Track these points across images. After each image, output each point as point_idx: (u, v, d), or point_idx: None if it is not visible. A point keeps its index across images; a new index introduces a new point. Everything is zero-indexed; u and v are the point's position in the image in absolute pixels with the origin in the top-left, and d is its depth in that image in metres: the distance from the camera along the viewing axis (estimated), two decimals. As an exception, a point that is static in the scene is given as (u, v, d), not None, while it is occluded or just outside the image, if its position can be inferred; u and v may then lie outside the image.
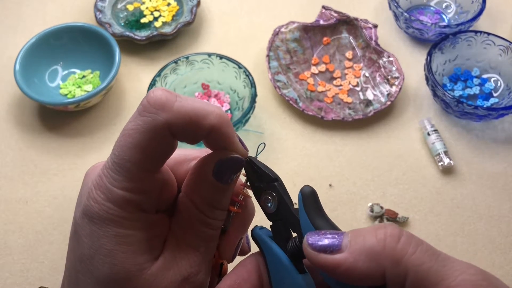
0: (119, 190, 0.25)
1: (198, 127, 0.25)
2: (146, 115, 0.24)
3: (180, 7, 0.78)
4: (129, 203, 0.25)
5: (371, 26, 0.70)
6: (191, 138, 0.26)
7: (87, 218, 0.25)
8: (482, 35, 0.66)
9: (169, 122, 0.24)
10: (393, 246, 0.23)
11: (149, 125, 0.24)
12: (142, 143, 0.24)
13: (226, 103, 0.66)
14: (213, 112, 0.25)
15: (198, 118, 0.25)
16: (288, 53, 0.71)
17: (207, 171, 0.26)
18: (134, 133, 0.24)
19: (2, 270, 0.54)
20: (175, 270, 0.26)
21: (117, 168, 0.25)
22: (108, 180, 0.25)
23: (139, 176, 0.25)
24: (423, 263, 0.23)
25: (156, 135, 0.24)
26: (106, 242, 0.25)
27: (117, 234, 0.25)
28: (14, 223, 0.58)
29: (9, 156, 0.63)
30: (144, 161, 0.25)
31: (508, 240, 0.57)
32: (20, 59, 0.65)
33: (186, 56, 0.64)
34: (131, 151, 0.24)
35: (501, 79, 0.68)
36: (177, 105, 0.24)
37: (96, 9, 0.74)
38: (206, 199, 0.26)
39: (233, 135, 0.27)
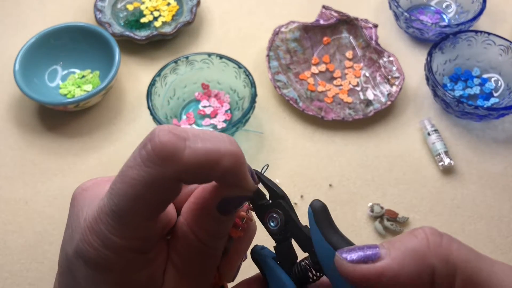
0: (119, 239, 0.22)
1: (210, 173, 0.22)
2: (151, 167, 0.21)
3: (180, 7, 0.77)
4: (129, 251, 0.23)
5: (371, 26, 0.70)
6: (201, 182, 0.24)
7: (83, 261, 0.23)
8: (483, 35, 0.66)
9: (178, 175, 0.21)
10: (438, 243, 0.22)
11: (155, 179, 0.21)
12: (147, 196, 0.22)
13: (226, 103, 0.66)
14: (227, 153, 0.23)
15: (210, 164, 0.22)
16: (288, 53, 0.71)
17: (211, 204, 0.24)
18: (137, 184, 0.22)
19: (2, 270, 0.54)
20: None
21: (115, 216, 0.22)
22: (105, 227, 0.22)
23: (141, 226, 0.23)
24: (471, 261, 0.22)
25: (164, 189, 0.22)
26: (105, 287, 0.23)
27: (119, 282, 0.23)
28: (14, 223, 0.58)
29: (9, 156, 0.63)
30: (148, 213, 0.23)
31: (508, 240, 0.57)
32: (20, 59, 0.65)
33: (186, 56, 0.64)
34: (133, 203, 0.22)
35: (501, 79, 0.68)
36: (188, 154, 0.21)
37: (96, 9, 0.74)
38: (209, 232, 0.25)
39: (245, 174, 0.24)
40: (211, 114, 0.65)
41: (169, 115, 0.64)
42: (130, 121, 0.67)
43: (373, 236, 0.57)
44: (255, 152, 0.63)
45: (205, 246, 0.25)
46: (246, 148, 0.64)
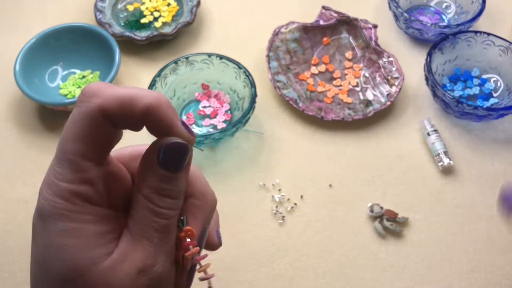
0: (64, 183, 0.24)
1: (132, 108, 0.25)
2: (80, 105, 0.25)
3: (180, 7, 0.78)
4: (75, 195, 0.24)
5: (371, 26, 0.70)
6: (129, 122, 0.26)
7: (40, 218, 0.25)
8: (482, 35, 0.67)
9: (101, 107, 0.24)
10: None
11: (83, 114, 0.24)
12: (80, 132, 0.25)
13: (226, 103, 0.66)
14: (149, 94, 0.25)
15: (131, 100, 0.25)
16: (288, 53, 0.71)
17: (153, 159, 0.26)
18: (71, 124, 0.25)
19: (2, 270, 0.54)
20: (130, 263, 0.25)
21: (60, 162, 0.25)
22: (53, 175, 0.25)
23: (81, 166, 0.25)
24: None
25: (91, 122, 0.24)
26: (55, 238, 0.24)
27: (65, 229, 0.24)
28: (14, 223, 0.58)
29: (9, 156, 0.63)
30: (85, 151, 0.25)
31: (508, 240, 0.57)
32: (20, 60, 0.65)
33: (186, 56, 0.64)
34: (71, 142, 0.25)
35: (501, 80, 0.68)
36: (110, 91, 0.25)
37: (96, 10, 0.74)
38: (154, 188, 0.26)
39: (173, 118, 0.26)
40: (211, 115, 0.65)
41: (169, 115, 0.64)
42: (130, 121, 0.67)
43: (372, 236, 0.57)
44: (255, 152, 0.63)
45: (154, 205, 0.25)
46: (246, 148, 0.64)
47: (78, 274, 0.24)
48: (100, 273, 0.24)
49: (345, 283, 0.54)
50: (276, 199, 0.59)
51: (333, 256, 0.55)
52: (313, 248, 0.56)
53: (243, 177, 0.61)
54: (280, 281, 0.54)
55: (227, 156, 0.63)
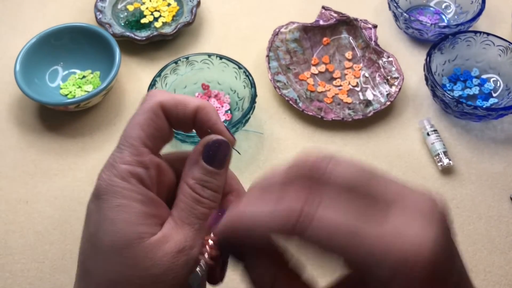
0: (122, 164, 0.28)
1: (185, 107, 0.30)
2: (144, 103, 0.30)
3: (180, 8, 0.78)
4: (131, 175, 0.28)
5: (371, 26, 0.70)
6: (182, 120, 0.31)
7: (95, 198, 0.28)
8: (482, 36, 0.67)
9: (161, 102, 0.30)
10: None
11: (145, 107, 0.30)
12: (141, 121, 0.30)
13: (226, 103, 0.66)
14: (199, 99, 0.31)
15: (185, 101, 0.30)
16: (288, 53, 0.71)
17: (198, 155, 0.30)
18: (135, 116, 0.30)
19: (3, 270, 0.54)
20: (171, 243, 0.28)
21: (120, 147, 0.29)
22: (113, 159, 0.29)
23: (139, 150, 0.29)
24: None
25: (152, 114, 0.30)
26: (108, 212, 0.27)
27: (119, 204, 0.27)
28: (15, 223, 0.58)
29: (10, 156, 0.64)
30: (143, 138, 0.29)
31: (507, 240, 0.57)
32: (21, 60, 0.65)
33: (186, 57, 0.64)
34: (133, 129, 0.29)
35: (500, 80, 0.68)
36: (168, 93, 0.31)
37: (96, 10, 0.74)
38: (198, 179, 0.30)
39: (217, 118, 0.31)
40: (211, 114, 0.65)
41: (169, 115, 0.64)
42: (130, 121, 0.67)
43: (372, 236, 0.57)
44: (255, 152, 0.64)
45: (197, 195, 0.29)
46: (246, 148, 0.64)
47: (126, 245, 0.27)
48: (145, 247, 0.27)
49: (345, 283, 0.54)
50: (276, 199, 0.59)
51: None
52: (313, 248, 0.56)
53: (243, 177, 0.61)
54: (280, 280, 0.54)
55: (227, 156, 0.63)
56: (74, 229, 0.57)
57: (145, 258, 0.27)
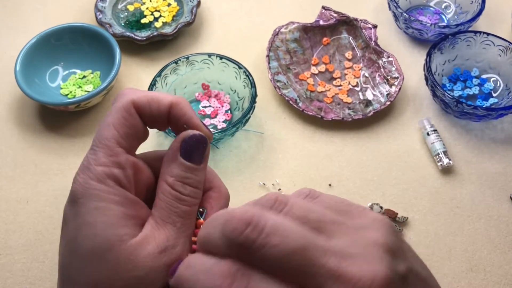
0: (98, 166, 0.28)
1: (159, 104, 0.30)
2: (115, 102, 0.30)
3: (180, 8, 0.78)
4: (107, 176, 0.28)
5: (371, 26, 0.70)
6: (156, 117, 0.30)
7: (71, 203, 0.28)
8: (482, 35, 0.67)
9: (133, 100, 0.29)
10: None
11: (118, 107, 0.29)
12: (114, 121, 0.29)
13: (226, 103, 0.66)
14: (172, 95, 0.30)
15: (158, 98, 0.30)
16: (288, 53, 0.71)
17: (176, 151, 0.29)
18: (107, 116, 0.30)
19: (3, 270, 0.54)
20: (153, 244, 0.27)
21: (94, 149, 0.29)
22: (87, 162, 0.28)
23: (114, 150, 0.28)
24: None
25: (125, 113, 0.29)
26: (86, 216, 0.27)
27: (97, 207, 0.27)
28: (15, 222, 0.58)
29: (10, 156, 0.64)
30: (117, 137, 0.29)
31: (507, 239, 0.57)
32: (21, 59, 0.65)
33: (186, 56, 0.64)
34: (106, 130, 0.29)
35: (500, 79, 0.68)
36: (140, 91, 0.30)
37: (97, 10, 0.74)
38: (177, 176, 0.29)
39: (192, 113, 0.31)
40: (211, 114, 0.66)
41: (170, 115, 0.64)
42: (130, 121, 0.67)
43: (372, 236, 0.57)
44: (255, 152, 0.64)
45: (177, 193, 0.29)
46: (246, 148, 0.64)
47: (106, 248, 0.26)
48: (126, 250, 0.27)
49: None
50: (276, 199, 0.59)
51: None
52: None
53: (243, 177, 0.61)
54: (280, 280, 0.54)
55: (227, 156, 0.63)
56: (74, 228, 0.57)
57: (127, 260, 0.26)
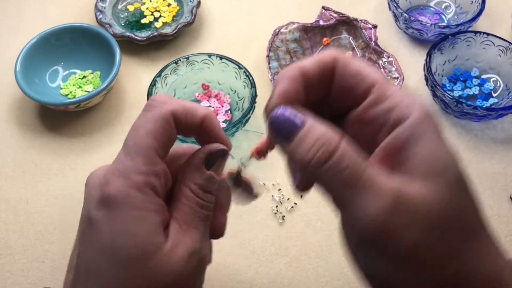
0: (138, 175, 0.28)
1: (193, 116, 0.31)
2: (153, 109, 0.30)
3: (180, 8, 0.78)
4: (146, 185, 0.28)
5: (371, 26, 0.70)
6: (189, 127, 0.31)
7: (106, 208, 0.28)
8: (482, 36, 0.67)
9: (173, 111, 0.30)
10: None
11: (158, 115, 0.30)
12: (154, 130, 0.29)
13: (226, 103, 0.66)
14: (205, 107, 0.32)
15: (193, 109, 0.31)
16: (288, 53, 0.71)
17: (201, 162, 0.31)
18: (146, 123, 0.29)
19: (3, 270, 0.54)
20: (182, 248, 0.29)
21: (133, 156, 0.29)
22: (124, 167, 0.29)
23: (153, 160, 0.29)
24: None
25: (165, 123, 0.30)
26: (127, 225, 0.27)
27: (138, 217, 0.28)
28: (15, 223, 0.58)
29: (10, 156, 0.64)
30: (156, 146, 0.29)
31: (507, 240, 0.57)
32: (21, 60, 0.65)
33: (186, 57, 0.64)
34: (145, 138, 0.29)
35: (500, 80, 0.68)
36: (177, 100, 0.31)
37: (97, 10, 0.74)
38: (200, 185, 0.31)
39: (220, 126, 0.33)
40: (211, 114, 0.65)
41: (170, 115, 0.64)
42: (131, 121, 0.66)
43: (372, 236, 0.57)
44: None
45: (201, 200, 0.31)
46: (246, 148, 0.64)
47: (146, 258, 0.28)
48: (162, 257, 0.28)
49: (345, 283, 0.54)
50: (276, 199, 0.59)
51: (333, 256, 0.56)
52: (313, 248, 0.56)
53: (243, 177, 0.61)
54: (280, 281, 0.54)
55: (227, 156, 0.63)
56: (74, 229, 0.57)
57: (163, 267, 0.28)
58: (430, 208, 0.24)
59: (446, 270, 0.25)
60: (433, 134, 0.26)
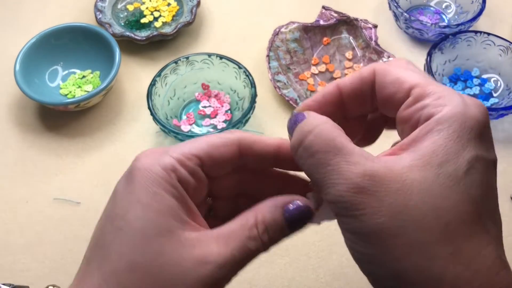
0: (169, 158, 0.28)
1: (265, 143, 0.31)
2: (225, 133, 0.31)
3: (180, 7, 0.78)
4: (173, 171, 0.28)
5: (371, 26, 0.70)
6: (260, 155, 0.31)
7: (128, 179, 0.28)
8: (482, 35, 0.67)
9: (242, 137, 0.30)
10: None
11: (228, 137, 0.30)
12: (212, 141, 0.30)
13: (226, 103, 0.66)
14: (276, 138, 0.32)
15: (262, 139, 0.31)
16: (288, 53, 0.71)
17: (280, 211, 0.29)
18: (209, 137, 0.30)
19: (3, 270, 0.54)
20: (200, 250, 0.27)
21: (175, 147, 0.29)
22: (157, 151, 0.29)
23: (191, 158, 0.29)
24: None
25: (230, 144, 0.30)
26: (143, 198, 0.27)
27: (156, 193, 0.27)
28: (15, 222, 0.58)
29: (10, 156, 0.64)
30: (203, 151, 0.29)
31: (507, 240, 0.57)
32: (20, 59, 0.65)
33: (186, 56, 0.64)
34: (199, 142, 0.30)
35: (501, 79, 0.68)
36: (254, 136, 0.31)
37: (96, 9, 0.74)
38: (268, 225, 0.28)
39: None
40: (211, 114, 0.65)
41: (169, 115, 0.64)
42: (130, 121, 0.67)
43: (372, 236, 0.57)
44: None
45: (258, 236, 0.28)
46: (246, 148, 0.64)
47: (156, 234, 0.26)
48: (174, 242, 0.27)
49: (345, 283, 0.54)
50: (276, 199, 0.59)
51: (333, 256, 0.56)
52: (313, 248, 0.56)
53: (243, 177, 0.61)
54: (280, 281, 0.54)
55: (227, 156, 0.63)
56: (74, 229, 0.57)
57: (171, 252, 0.26)
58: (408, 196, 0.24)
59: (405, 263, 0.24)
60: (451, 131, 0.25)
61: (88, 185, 0.60)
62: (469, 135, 0.26)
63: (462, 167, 0.25)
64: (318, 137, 0.26)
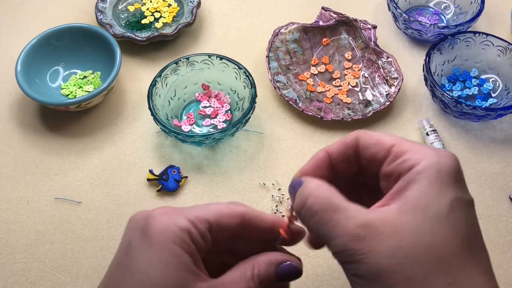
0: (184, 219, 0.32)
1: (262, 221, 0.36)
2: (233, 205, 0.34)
3: (180, 8, 0.78)
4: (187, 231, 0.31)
5: (370, 27, 0.71)
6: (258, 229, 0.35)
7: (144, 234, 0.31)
8: (481, 36, 0.67)
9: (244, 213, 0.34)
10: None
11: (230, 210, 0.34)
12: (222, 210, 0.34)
13: (226, 103, 0.66)
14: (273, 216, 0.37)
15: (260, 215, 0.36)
16: (288, 53, 0.71)
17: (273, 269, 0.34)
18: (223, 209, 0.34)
19: (4, 270, 0.55)
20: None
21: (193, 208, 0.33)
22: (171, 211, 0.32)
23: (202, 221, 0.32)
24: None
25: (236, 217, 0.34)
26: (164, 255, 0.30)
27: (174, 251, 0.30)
28: (16, 222, 0.58)
29: (11, 156, 0.64)
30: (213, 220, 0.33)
31: (506, 239, 0.57)
32: (22, 60, 0.65)
33: (186, 57, 0.65)
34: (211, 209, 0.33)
35: (499, 80, 0.68)
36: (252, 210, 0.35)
37: (97, 10, 0.75)
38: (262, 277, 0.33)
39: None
40: (212, 115, 0.66)
41: (170, 116, 0.64)
42: (131, 121, 0.67)
43: (372, 235, 0.57)
44: (255, 152, 0.64)
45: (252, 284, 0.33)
46: (246, 148, 0.64)
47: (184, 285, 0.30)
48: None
49: (345, 283, 0.54)
50: (276, 199, 0.59)
51: (332, 255, 0.56)
52: (313, 247, 0.56)
53: (243, 177, 0.61)
54: (280, 280, 0.54)
55: (227, 156, 0.63)
56: (74, 228, 0.57)
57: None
58: (401, 238, 0.27)
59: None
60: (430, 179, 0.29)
61: (89, 185, 0.61)
62: (446, 180, 0.29)
63: (445, 207, 0.28)
64: (317, 199, 0.31)
